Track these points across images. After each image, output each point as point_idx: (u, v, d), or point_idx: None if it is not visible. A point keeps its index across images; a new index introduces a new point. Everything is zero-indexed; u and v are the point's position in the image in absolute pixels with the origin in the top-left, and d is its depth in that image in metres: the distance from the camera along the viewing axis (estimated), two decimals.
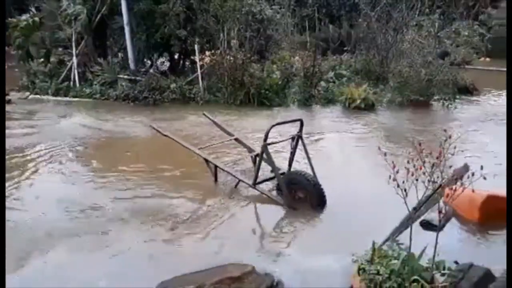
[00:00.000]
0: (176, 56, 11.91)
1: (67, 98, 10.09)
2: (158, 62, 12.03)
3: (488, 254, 3.72)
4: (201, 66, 10.33)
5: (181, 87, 9.83)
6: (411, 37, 11.53)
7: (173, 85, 9.82)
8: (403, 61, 10.19)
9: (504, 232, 4.08)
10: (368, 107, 9.24)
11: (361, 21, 13.11)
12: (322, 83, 10.39)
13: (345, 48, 14.81)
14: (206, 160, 5.13)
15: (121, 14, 10.28)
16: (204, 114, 6.30)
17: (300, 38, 14.98)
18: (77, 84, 10.48)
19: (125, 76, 10.31)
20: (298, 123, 4.70)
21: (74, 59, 10.57)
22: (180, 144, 5.31)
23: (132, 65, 10.43)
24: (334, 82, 10.99)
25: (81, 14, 10.14)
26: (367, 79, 11.05)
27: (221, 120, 6.55)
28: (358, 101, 9.20)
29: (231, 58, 9.65)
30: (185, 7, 10.26)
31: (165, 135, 5.40)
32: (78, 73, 10.59)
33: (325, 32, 17.52)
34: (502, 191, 4.31)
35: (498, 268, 3.12)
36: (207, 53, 10.91)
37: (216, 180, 5.12)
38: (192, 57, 11.18)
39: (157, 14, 10.21)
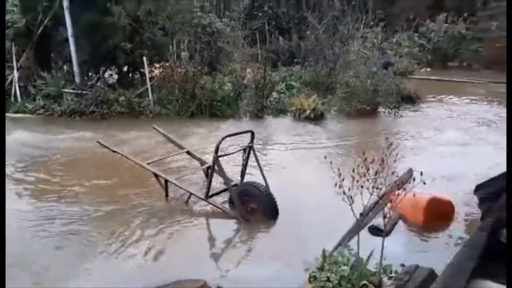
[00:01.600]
0: (124, 69, 11.64)
1: (8, 114, 9.55)
2: (106, 75, 11.68)
3: (432, 254, 3.87)
4: (151, 79, 10.15)
5: (130, 100, 9.60)
6: (357, 48, 12.01)
7: (121, 98, 9.56)
8: (350, 72, 10.56)
9: (447, 233, 4.31)
10: (318, 117, 9.47)
11: (309, 34, 13.48)
12: (274, 94, 10.54)
13: (295, 60, 15.12)
14: (156, 175, 5.01)
15: (65, 26, 9.92)
16: (154, 128, 6.17)
17: (251, 51, 15.15)
18: (19, 99, 9.98)
19: (71, 90, 9.92)
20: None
21: (15, 73, 10.07)
22: (129, 160, 5.17)
23: (77, 79, 10.06)
24: (285, 93, 11.19)
25: (18, 22, 9.66)
26: (316, 90, 11.33)
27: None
28: (308, 112, 9.41)
29: (182, 70, 9.57)
30: (131, 19, 10.07)
31: (114, 151, 5.22)
32: (20, 87, 10.08)
33: (275, 44, 17.85)
34: (441, 194, 4.58)
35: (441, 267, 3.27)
36: (157, 65, 10.76)
37: (167, 194, 5.01)
38: (141, 70, 10.97)
39: (103, 26, 9.95)
